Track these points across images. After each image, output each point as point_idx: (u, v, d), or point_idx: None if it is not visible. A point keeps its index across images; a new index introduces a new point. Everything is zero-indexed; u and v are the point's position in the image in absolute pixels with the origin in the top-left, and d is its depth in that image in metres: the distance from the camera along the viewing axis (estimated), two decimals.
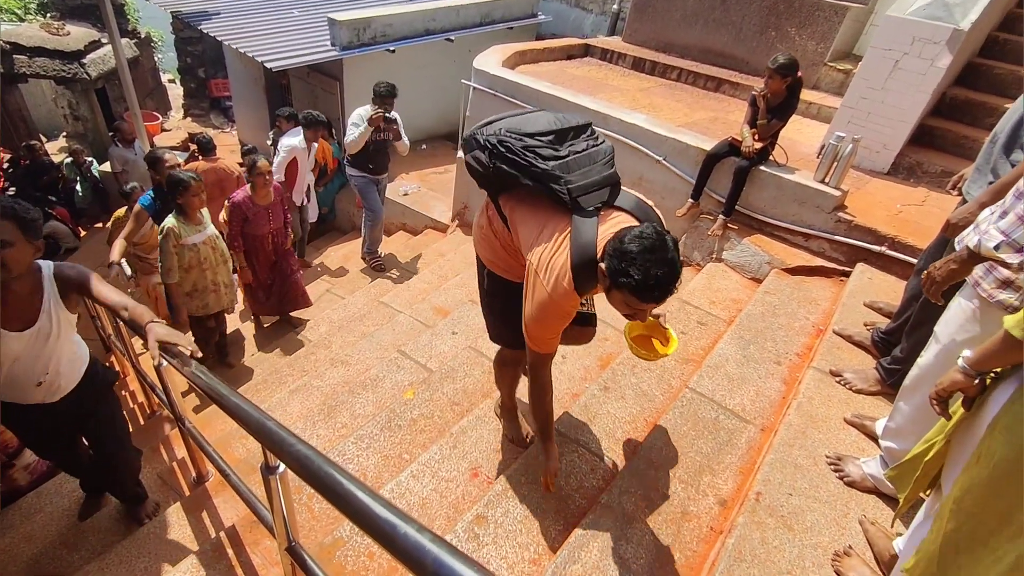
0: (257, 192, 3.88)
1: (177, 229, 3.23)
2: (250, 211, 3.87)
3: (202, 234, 3.37)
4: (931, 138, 4.18)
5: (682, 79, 6.13)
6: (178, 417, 2.31)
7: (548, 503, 2.03)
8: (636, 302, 1.32)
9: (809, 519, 1.74)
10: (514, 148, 1.48)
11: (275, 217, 4.02)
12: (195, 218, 3.33)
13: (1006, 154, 1.78)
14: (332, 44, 6.59)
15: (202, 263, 3.41)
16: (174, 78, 12.16)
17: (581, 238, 1.43)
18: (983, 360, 1.10)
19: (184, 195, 3.17)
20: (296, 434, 1.10)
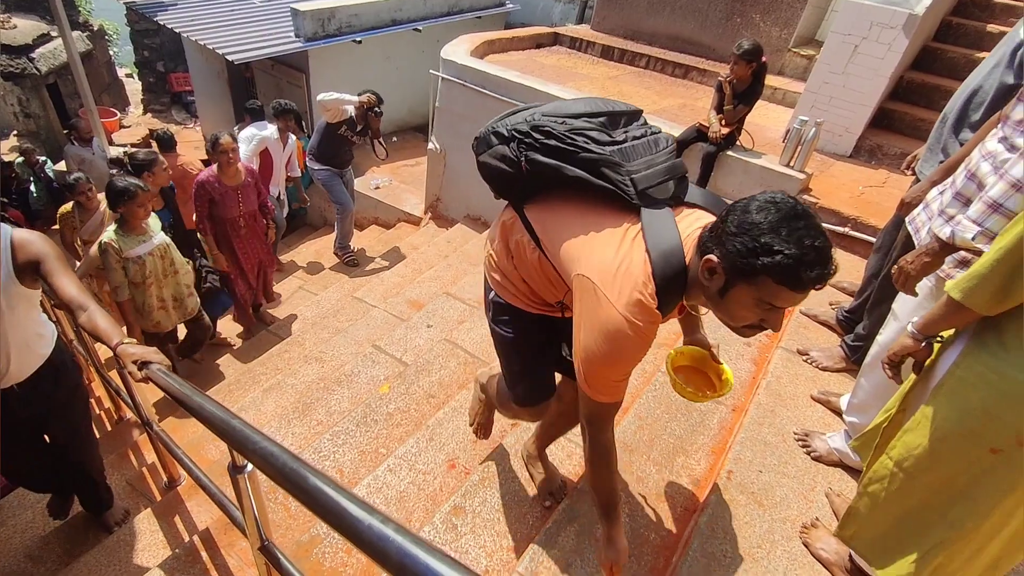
0: (223, 171, 3.58)
1: (116, 243, 2.89)
2: (216, 192, 3.58)
3: (148, 244, 3.01)
4: (890, 121, 4.29)
5: (650, 66, 6.17)
6: (146, 421, 2.26)
7: (526, 491, 2.05)
8: (783, 294, 0.95)
9: (778, 494, 1.79)
10: (556, 132, 1.18)
11: (246, 199, 3.72)
12: (138, 228, 2.98)
13: (955, 133, 1.84)
14: (296, 35, 6.44)
15: (146, 279, 3.04)
16: (131, 72, 11.73)
17: (660, 235, 1.09)
18: (929, 324, 1.14)
19: (128, 205, 2.85)
20: (263, 432, 1.08)
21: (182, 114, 10.39)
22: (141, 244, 2.99)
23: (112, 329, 1.59)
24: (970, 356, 1.07)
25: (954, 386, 1.08)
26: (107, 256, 2.90)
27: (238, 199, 3.66)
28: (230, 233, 3.77)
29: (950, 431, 1.08)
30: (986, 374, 1.04)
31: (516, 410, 1.70)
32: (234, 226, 3.76)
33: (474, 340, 3.13)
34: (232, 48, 6.00)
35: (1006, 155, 1.30)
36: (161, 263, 3.11)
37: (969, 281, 1.02)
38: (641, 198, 1.15)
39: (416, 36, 7.35)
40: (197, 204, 3.60)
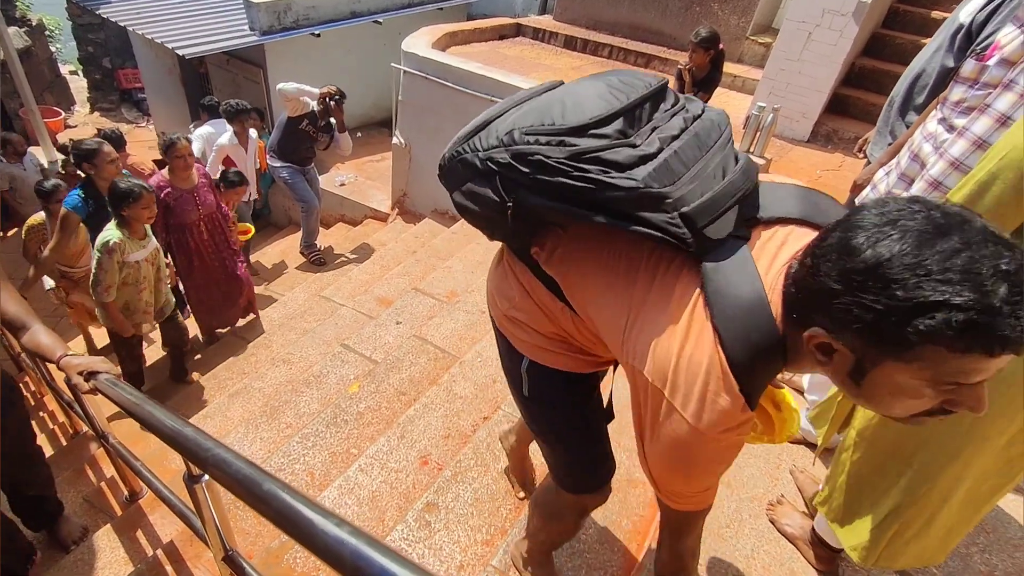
0: (176, 175, 3.39)
1: (123, 244, 2.74)
2: (171, 196, 3.37)
3: (145, 250, 2.91)
4: (844, 106, 4.42)
5: (613, 56, 6.20)
6: (100, 435, 2.16)
7: (499, 485, 2.04)
8: (973, 364, 0.58)
9: (745, 474, 1.83)
10: (551, 162, 0.80)
11: (203, 201, 3.51)
12: (140, 232, 2.86)
13: (901, 116, 1.90)
14: (251, 28, 6.23)
15: (139, 282, 2.96)
16: (76, 69, 11.18)
17: (732, 298, 0.74)
18: None
19: (133, 208, 2.68)
20: (216, 439, 1.04)
21: (133, 112, 9.96)
22: (141, 249, 2.87)
23: (55, 343, 1.50)
24: None
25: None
26: (110, 256, 2.72)
27: (195, 201, 3.47)
28: (189, 240, 3.55)
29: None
30: None
31: (576, 508, 1.31)
32: (194, 231, 3.55)
33: (443, 335, 3.10)
34: (182, 42, 5.77)
35: (945, 135, 1.35)
36: (152, 268, 3.01)
37: None
38: (699, 243, 0.76)
39: (377, 29, 7.21)
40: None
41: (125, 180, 2.68)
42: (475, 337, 3.08)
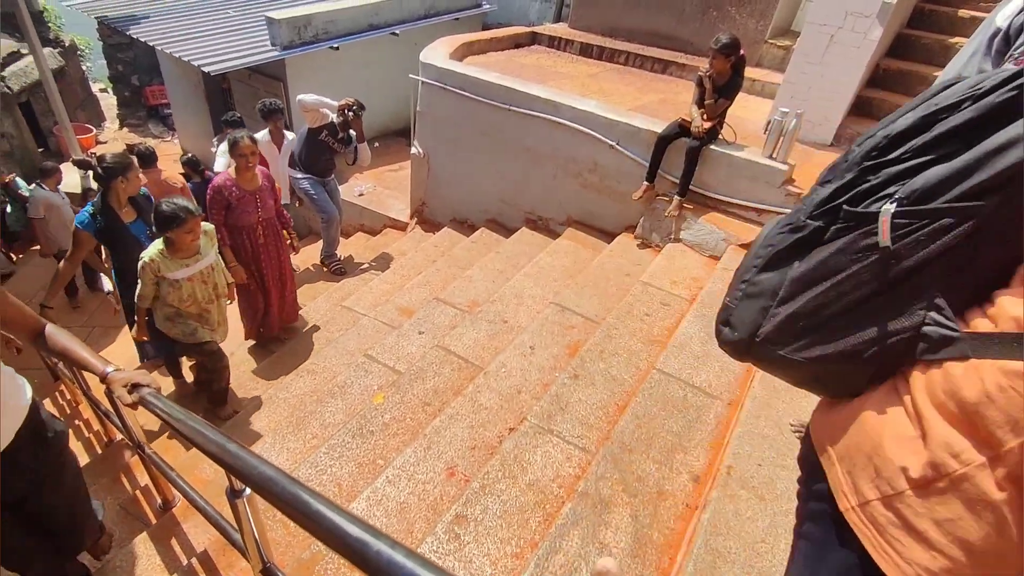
0: (241, 175, 3.36)
1: (156, 263, 2.71)
2: (233, 196, 3.34)
3: (190, 269, 2.82)
4: (868, 108, 4.35)
5: (630, 63, 6.19)
6: (137, 444, 2.21)
7: (526, 496, 2.04)
8: None
9: (779, 487, 1.80)
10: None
11: (264, 204, 3.46)
12: (185, 251, 2.79)
13: None
14: (272, 44, 6.37)
15: (184, 300, 2.86)
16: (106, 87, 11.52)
17: None
18: None
19: (176, 231, 2.66)
20: (259, 454, 1.06)
21: (159, 127, 10.23)
22: (184, 268, 2.82)
23: (95, 357, 1.53)
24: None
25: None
26: (144, 274, 2.74)
27: (256, 204, 3.44)
28: (247, 242, 3.53)
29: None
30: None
31: None
32: (252, 234, 3.52)
33: (466, 345, 3.12)
34: (207, 59, 5.92)
35: None
36: (203, 288, 2.92)
37: None
38: None
39: (394, 40, 7.32)
40: (213, 211, 3.36)
41: (169, 203, 2.67)
42: (498, 347, 3.09)
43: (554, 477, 2.11)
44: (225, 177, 3.36)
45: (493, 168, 4.84)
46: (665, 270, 3.41)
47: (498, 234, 4.89)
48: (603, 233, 4.29)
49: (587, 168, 4.23)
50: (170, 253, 2.76)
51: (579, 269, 3.81)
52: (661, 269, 3.42)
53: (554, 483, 2.09)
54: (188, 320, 2.94)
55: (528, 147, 4.49)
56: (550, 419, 2.35)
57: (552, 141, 4.33)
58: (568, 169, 4.35)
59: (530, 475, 2.11)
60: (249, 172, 3.39)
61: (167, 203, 2.68)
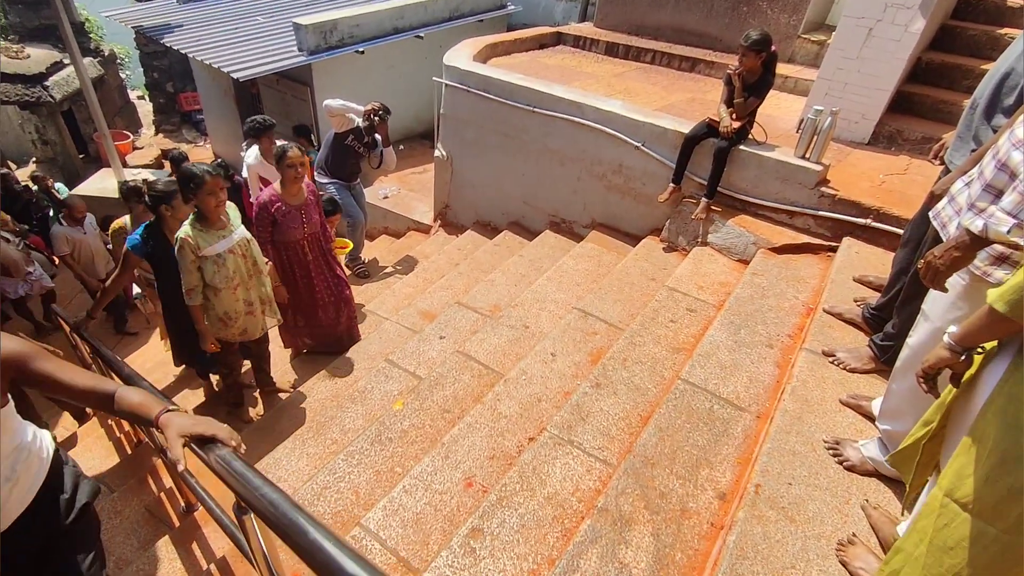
0: (287, 188, 3.16)
1: (193, 239, 2.57)
2: (280, 212, 3.15)
3: (227, 240, 2.68)
4: (910, 104, 4.14)
5: (656, 61, 6.05)
6: (160, 449, 2.24)
7: (545, 510, 1.98)
8: None
9: (811, 508, 1.70)
10: None
11: (309, 219, 3.27)
12: (217, 221, 2.64)
13: (987, 120, 1.73)
14: (299, 49, 6.46)
15: (231, 278, 2.71)
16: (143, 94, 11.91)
17: None
18: (969, 336, 1.05)
19: (198, 193, 2.54)
20: (263, 474, 1.03)
21: (192, 133, 10.52)
22: (221, 240, 2.65)
23: (146, 400, 1.26)
24: (1019, 370, 0.98)
25: (1004, 404, 0.98)
26: (183, 254, 2.58)
27: (302, 219, 3.23)
28: (293, 260, 3.34)
29: (1006, 453, 0.98)
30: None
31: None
32: (297, 251, 3.32)
33: (487, 351, 3.08)
34: (236, 66, 6.03)
35: None
36: (244, 263, 2.78)
37: (1015, 293, 0.93)
38: None
39: (418, 43, 7.33)
40: (258, 227, 3.17)
41: (191, 166, 2.58)
42: (519, 353, 3.04)
43: (574, 491, 2.04)
44: (271, 192, 3.19)
45: (516, 170, 4.79)
46: (691, 274, 3.30)
47: (521, 237, 4.84)
48: (628, 236, 4.19)
49: (612, 170, 4.14)
50: (203, 226, 2.63)
51: (603, 273, 3.73)
52: (687, 273, 3.31)
53: (573, 497, 2.02)
54: (239, 319, 2.84)
55: (552, 149, 4.43)
56: (570, 430, 2.28)
57: (576, 143, 4.26)
58: (592, 171, 4.27)
59: (549, 488, 2.06)
60: (296, 185, 3.18)
61: (189, 166, 2.59)
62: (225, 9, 8.02)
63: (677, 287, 3.16)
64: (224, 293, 2.73)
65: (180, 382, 3.96)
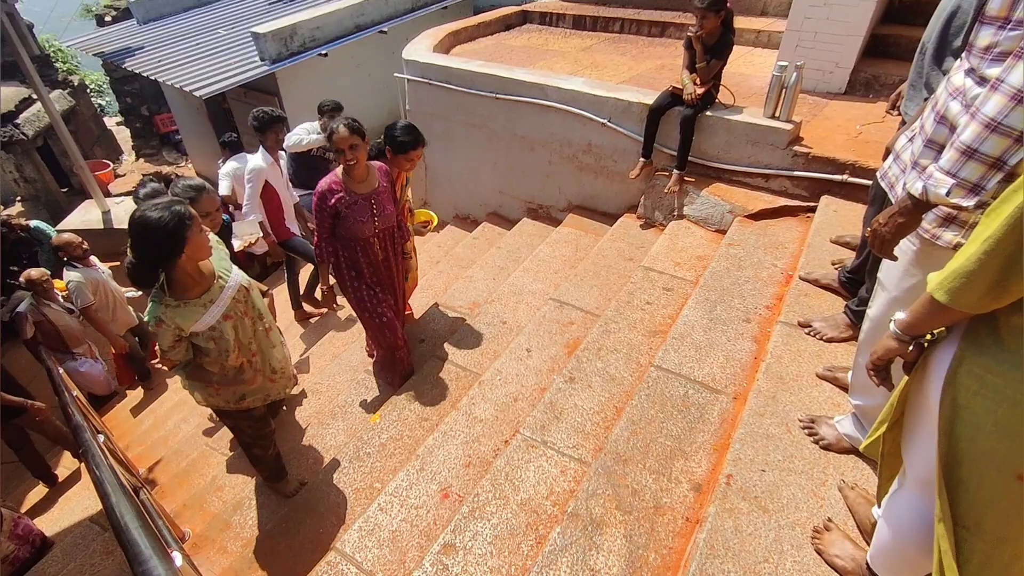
0: (350, 174, 2.56)
1: (168, 318, 1.80)
2: (343, 202, 2.55)
3: (219, 304, 1.91)
4: (885, 47, 3.95)
5: (625, 30, 5.86)
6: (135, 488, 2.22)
7: (518, 518, 1.92)
8: None
9: (785, 495, 1.62)
10: None
11: (381, 212, 2.64)
12: (195, 284, 1.86)
13: (937, 64, 1.60)
14: (261, 59, 6.34)
15: (231, 350, 1.98)
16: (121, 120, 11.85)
17: None
18: (913, 325, 0.95)
19: (188, 236, 1.75)
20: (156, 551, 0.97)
21: (173, 154, 10.45)
22: (209, 307, 1.88)
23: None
24: (967, 359, 0.88)
25: (956, 395, 0.89)
26: (163, 332, 1.84)
27: (372, 211, 2.62)
28: (360, 258, 2.72)
29: (965, 453, 0.90)
30: (987, 378, 0.86)
31: None
32: (367, 249, 2.71)
33: (464, 352, 3.01)
34: (198, 83, 5.93)
35: (976, 90, 1.09)
36: (248, 323, 2.06)
37: (955, 280, 0.83)
38: None
39: (383, 38, 7.17)
40: (319, 220, 2.64)
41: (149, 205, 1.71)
42: (496, 351, 2.97)
43: (548, 494, 1.98)
44: (332, 179, 2.60)
45: (488, 160, 4.67)
46: (668, 251, 3.19)
47: (500, 227, 4.74)
48: (605, 216, 4.08)
49: (582, 150, 4.01)
50: (179, 292, 1.83)
51: (580, 258, 3.63)
52: (664, 250, 3.20)
53: (547, 501, 1.96)
54: (249, 374, 2.10)
55: (520, 134, 4.30)
56: (544, 430, 2.21)
57: (543, 126, 4.13)
58: (563, 153, 4.14)
59: (522, 494, 2.00)
60: (359, 168, 2.56)
61: (142, 216, 1.68)
62: (186, 25, 7.91)
63: (653, 266, 3.06)
64: (229, 362, 2.03)
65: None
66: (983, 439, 0.88)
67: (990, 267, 0.80)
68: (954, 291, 0.85)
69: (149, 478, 3.21)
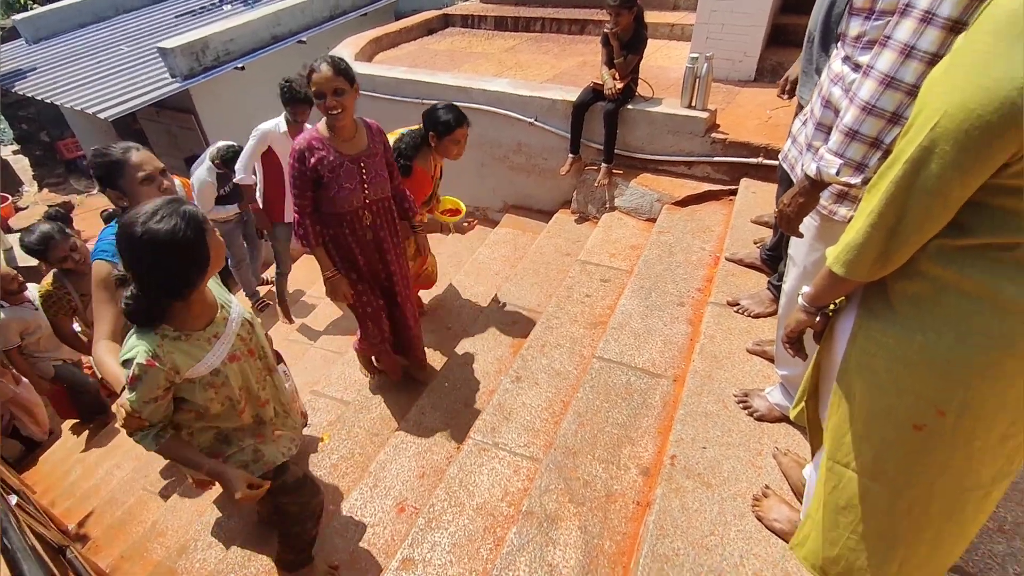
0: (335, 129, 2.03)
1: (164, 356, 1.32)
2: (325, 166, 2.04)
3: (224, 340, 1.45)
4: (786, 35, 4.21)
5: (547, 29, 5.96)
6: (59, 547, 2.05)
7: (475, 523, 1.92)
8: None
9: (726, 469, 1.69)
10: None
11: (372, 178, 2.15)
12: (201, 311, 1.42)
13: (824, 52, 1.73)
14: (172, 75, 6.01)
15: (236, 400, 1.51)
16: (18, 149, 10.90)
17: None
18: (817, 296, 1.02)
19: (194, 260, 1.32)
20: None
21: (83, 182, 9.70)
22: (214, 345, 1.42)
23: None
24: (863, 327, 0.96)
25: (858, 358, 0.97)
26: (145, 380, 1.32)
27: (361, 176, 2.10)
28: (348, 237, 2.22)
29: (869, 411, 0.97)
30: (883, 339, 0.93)
31: None
32: (355, 224, 2.20)
33: None
34: (102, 104, 5.55)
35: (852, 76, 1.18)
36: (252, 363, 1.55)
37: (847, 253, 0.90)
38: None
39: (304, 49, 6.96)
40: (298, 188, 2.10)
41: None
42: (441, 358, 2.94)
43: (502, 496, 1.98)
44: (312, 134, 2.06)
45: None
46: (603, 243, 3.27)
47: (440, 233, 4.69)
48: (541, 214, 4.13)
49: (512, 150, 4.04)
50: (182, 321, 1.37)
51: (519, 257, 3.66)
52: (599, 243, 3.28)
53: (503, 502, 1.96)
54: (241, 437, 1.61)
55: None
56: (495, 432, 2.21)
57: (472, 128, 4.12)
58: (494, 154, 4.16)
59: (477, 498, 1.99)
60: (344, 122, 2.01)
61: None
62: (84, 43, 7.38)
63: (589, 259, 3.12)
64: (229, 414, 1.53)
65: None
66: (882, 397, 0.95)
67: (875, 238, 0.87)
68: (847, 263, 0.92)
69: (80, 533, 2.97)
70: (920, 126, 0.79)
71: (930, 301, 0.88)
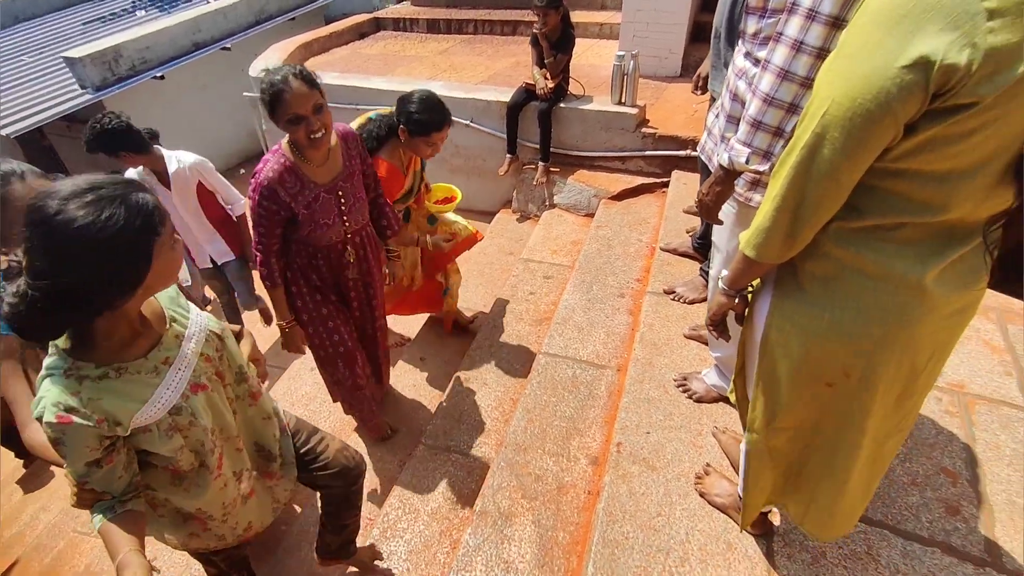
0: (306, 154, 1.66)
1: (84, 405, 0.94)
2: (296, 197, 1.70)
3: (178, 372, 1.06)
4: (707, 33, 4.37)
5: (479, 30, 5.98)
6: None
7: (431, 528, 1.91)
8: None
9: (669, 451, 1.76)
10: None
11: (352, 203, 1.83)
12: (137, 334, 1.03)
13: (731, 47, 1.82)
14: (82, 87, 5.63)
15: (211, 448, 1.14)
16: None
17: None
18: (735, 280, 1.08)
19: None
20: None
21: None
22: (163, 378, 1.04)
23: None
24: (778, 306, 1.03)
25: (775, 336, 1.04)
26: (76, 440, 0.96)
27: (340, 208, 1.80)
28: (324, 270, 1.92)
29: (784, 381, 1.05)
30: (796, 318, 1.00)
31: None
32: (333, 260, 1.92)
33: None
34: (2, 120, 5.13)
35: (753, 70, 1.26)
36: (221, 389, 1.19)
37: (757, 236, 0.95)
38: None
39: (229, 56, 6.69)
40: (264, 229, 1.74)
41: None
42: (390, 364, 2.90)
43: (457, 498, 1.99)
44: (279, 163, 1.66)
45: None
46: (544, 240, 3.32)
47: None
48: (483, 214, 4.14)
49: (451, 152, 4.03)
50: (106, 352, 0.99)
51: (464, 258, 3.64)
52: (540, 240, 3.32)
53: (457, 505, 1.97)
54: (235, 508, 1.28)
55: None
56: (446, 435, 2.21)
57: None
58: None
59: (431, 503, 1.98)
60: (320, 145, 1.62)
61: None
62: None
63: (532, 257, 3.16)
64: (196, 480, 1.16)
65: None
66: (797, 369, 1.02)
67: (780, 221, 0.92)
68: (758, 246, 0.97)
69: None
70: (812, 114, 0.85)
71: (834, 280, 0.95)
